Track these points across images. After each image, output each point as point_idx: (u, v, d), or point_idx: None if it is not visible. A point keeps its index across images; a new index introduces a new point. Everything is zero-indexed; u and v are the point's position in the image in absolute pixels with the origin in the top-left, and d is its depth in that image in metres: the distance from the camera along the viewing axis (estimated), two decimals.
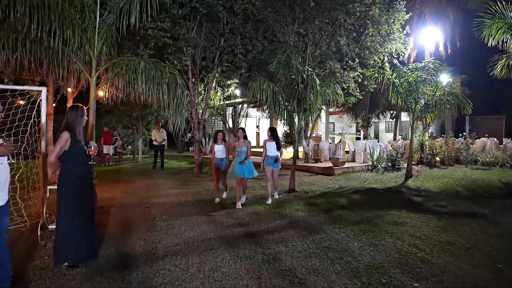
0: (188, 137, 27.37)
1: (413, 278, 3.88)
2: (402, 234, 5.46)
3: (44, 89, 5.57)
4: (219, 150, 8.10)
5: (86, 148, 4.08)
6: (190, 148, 26.28)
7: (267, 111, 21.17)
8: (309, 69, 8.49)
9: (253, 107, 21.54)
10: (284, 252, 4.68)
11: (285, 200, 8.18)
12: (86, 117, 4.19)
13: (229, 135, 19.04)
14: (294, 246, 4.93)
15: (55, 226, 4.15)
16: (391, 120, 25.88)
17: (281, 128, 19.77)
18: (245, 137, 7.90)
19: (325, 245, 4.98)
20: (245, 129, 8.43)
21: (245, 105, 21.18)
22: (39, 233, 4.74)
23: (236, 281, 3.83)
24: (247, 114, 20.81)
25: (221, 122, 22.21)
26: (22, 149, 5.51)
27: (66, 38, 6.26)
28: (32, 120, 5.60)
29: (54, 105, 10.79)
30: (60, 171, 4.00)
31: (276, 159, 7.92)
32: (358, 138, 25.60)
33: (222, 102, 20.08)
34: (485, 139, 17.20)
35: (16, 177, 5.37)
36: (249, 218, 6.52)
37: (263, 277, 3.90)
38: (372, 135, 24.70)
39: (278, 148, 7.96)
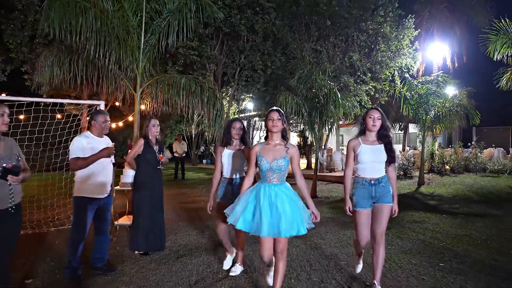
0: (201, 150, 28.13)
1: (438, 260, 4.54)
2: (423, 230, 6.10)
3: (102, 103, 6.34)
4: (229, 162, 4.06)
5: (157, 154, 4.79)
6: (204, 161, 27.03)
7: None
8: (331, 83, 9.23)
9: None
10: (323, 244, 5.35)
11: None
12: (156, 127, 4.84)
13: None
14: (330, 238, 5.60)
15: (129, 222, 4.87)
16: (397, 132, 26.51)
17: (293, 140, 20.37)
18: (284, 135, 3.33)
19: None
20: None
21: (257, 119, 21.90)
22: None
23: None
24: (260, 127, 21.55)
25: None
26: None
27: (117, 58, 7.07)
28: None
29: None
30: (135, 172, 4.74)
31: (384, 188, 3.53)
32: None
33: (236, 116, 20.83)
34: (492, 149, 17.77)
35: None
36: None
37: (311, 259, 4.57)
38: None
39: (393, 159, 3.57)
